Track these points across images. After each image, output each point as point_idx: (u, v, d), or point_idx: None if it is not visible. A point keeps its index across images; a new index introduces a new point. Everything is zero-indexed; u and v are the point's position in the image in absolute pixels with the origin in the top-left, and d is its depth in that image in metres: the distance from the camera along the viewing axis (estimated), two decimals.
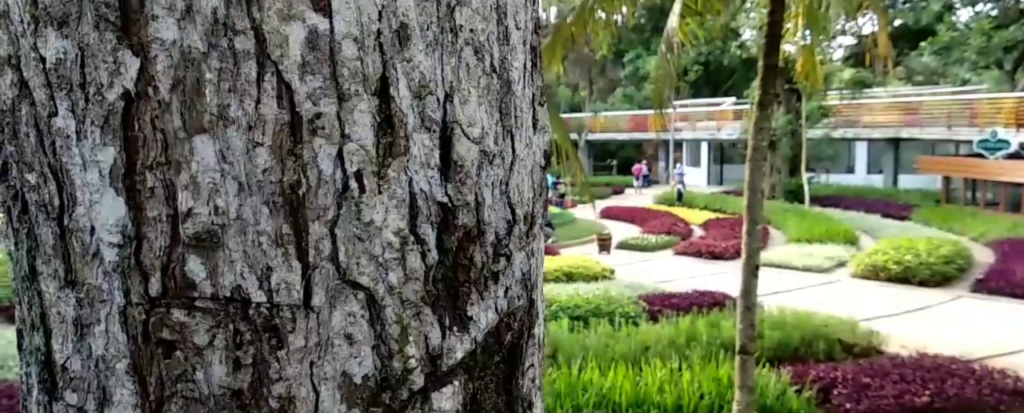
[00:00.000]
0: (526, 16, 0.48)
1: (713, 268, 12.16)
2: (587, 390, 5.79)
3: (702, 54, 30.16)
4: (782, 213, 17.08)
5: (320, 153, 0.39)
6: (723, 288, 8.99)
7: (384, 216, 0.41)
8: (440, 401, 0.43)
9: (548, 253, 12.54)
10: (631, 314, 8.00)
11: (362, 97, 0.40)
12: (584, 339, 7.07)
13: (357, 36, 0.39)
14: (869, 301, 9.43)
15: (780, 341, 6.97)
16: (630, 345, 6.84)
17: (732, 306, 7.39)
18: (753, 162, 5.13)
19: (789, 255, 12.55)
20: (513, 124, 0.47)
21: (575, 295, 8.66)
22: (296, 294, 0.39)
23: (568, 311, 8.04)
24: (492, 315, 0.45)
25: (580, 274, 10.88)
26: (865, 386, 5.69)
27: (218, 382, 0.39)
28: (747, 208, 5.11)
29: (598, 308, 8.15)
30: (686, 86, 31.25)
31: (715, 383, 5.78)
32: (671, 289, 9.46)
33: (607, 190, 26.34)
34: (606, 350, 6.86)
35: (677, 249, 14.06)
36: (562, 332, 7.20)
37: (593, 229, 16.46)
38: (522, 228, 0.48)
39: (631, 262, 12.93)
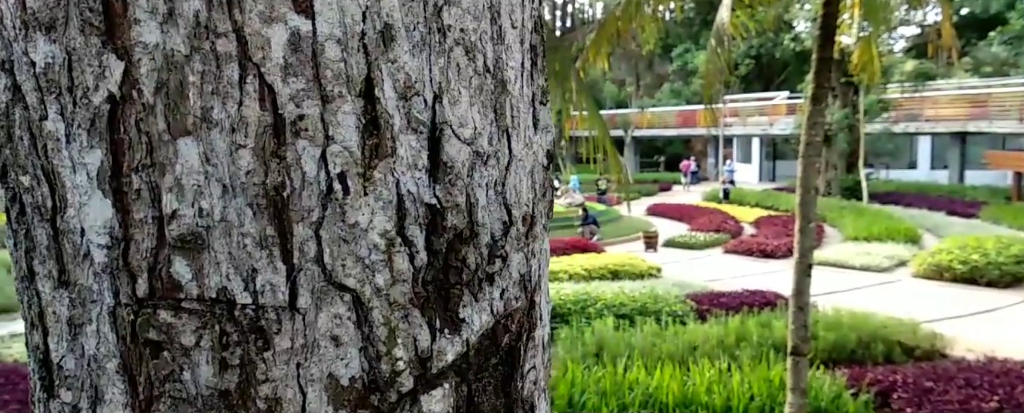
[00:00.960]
0: (523, 15, 0.48)
1: (764, 267, 11.82)
2: (633, 389, 5.71)
3: (753, 47, 29.35)
4: (838, 210, 16.46)
5: (304, 155, 0.39)
6: (775, 287, 8.72)
7: (370, 218, 0.40)
8: (429, 404, 0.42)
9: (593, 251, 12.45)
10: (678, 313, 7.85)
11: (346, 99, 0.40)
12: (630, 338, 6.97)
13: (340, 37, 0.39)
14: (932, 302, 8.99)
15: (835, 342, 6.72)
16: (677, 344, 6.72)
17: (784, 306, 7.16)
18: (806, 158, 4.95)
19: (846, 254, 12.09)
20: (509, 124, 0.46)
21: (620, 293, 8.55)
22: (281, 296, 0.40)
23: (613, 309, 7.94)
24: (487, 317, 0.45)
25: (626, 272, 10.75)
26: (927, 391, 5.42)
27: (205, 382, 0.40)
28: (799, 205, 4.93)
29: (644, 306, 8.03)
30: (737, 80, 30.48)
31: (766, 384, 5.61)
32: (720, 288, 9.24)
33: (654, 187, 25.95)
34: (652, 349, 6.75)
35: (727, 247, 13.73)
36: (607, 330, 7.12)
37: (639, 226, 16.24)
38: (520, 229, 0.48)
39: (678, 260, 12.70)
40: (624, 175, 7.08)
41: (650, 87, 34.69)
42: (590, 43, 8.16)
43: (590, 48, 8.13)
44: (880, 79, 10.58)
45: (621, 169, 6.37)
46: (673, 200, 22.12)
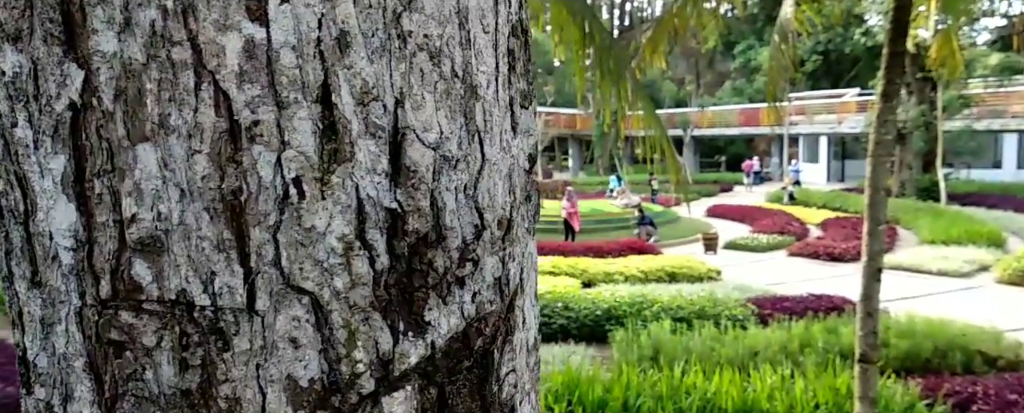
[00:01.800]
0: (495, 20, 0.47)
1: (831, 270, 11.33)
2: (690, 394, 5.59)
3: (821, 43, 28.19)
4: (914, 212, 15.60)
5: (259, 160, 0.40)
6: (842, 292, 8.35)
7: (328, 222, 0.41)
8: (391, 406, 0.43)
9: (649, 252, 12.26)
10: (738, 317, 7.63)
11: (302, 104, 0.40)
12: (687, 341, 6.83)
13: (295, 44, 0.40)
14: (1018, 310, 8.40)
15: (908, 351, 6.37)
16: (737, 349, 6.53)
17: (852, 311, 6.85)
18: (876, 157, 4.72)
19: (921, 258, 11.44)
20: (481, 128, 0.46)
21: (678, 296, 8.37)
22: (239, 298, 0.40)
23: (670, 312, 7.79)
24: (456, 320, 0.45)
25: (684, 274, 10.52)
26: (1011, 404, 5.08)
27: (167, 382, 0.41)
28: (868, 206, 4.71)
29: (702, 310, 7.84)
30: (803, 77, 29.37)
31: (832, 393, 5.38)
32: (783, 292, 8.92)
33: (714, 188, 25.27)
34: (711, 353, 6.59)
35: (791, 250, 13.24)
36: (664, 333, 7.00)
37: (698, 228, 15.87)
38: (495, 233, 0.47)
39: (739, 263, 12.32)
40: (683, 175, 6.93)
41: (711, 85, 33.86)
42: (647, 41, 8.05)
43: (647, 46, 8.01)
44: (961, 74, 9.96)
45: (679, 169, 6.25)
46: (734, 201, 21.49)
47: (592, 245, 12.79)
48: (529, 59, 0.53)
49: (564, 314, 7.95)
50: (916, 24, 6.88)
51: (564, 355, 7.07)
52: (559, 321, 7.89)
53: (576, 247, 12.65)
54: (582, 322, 7.89)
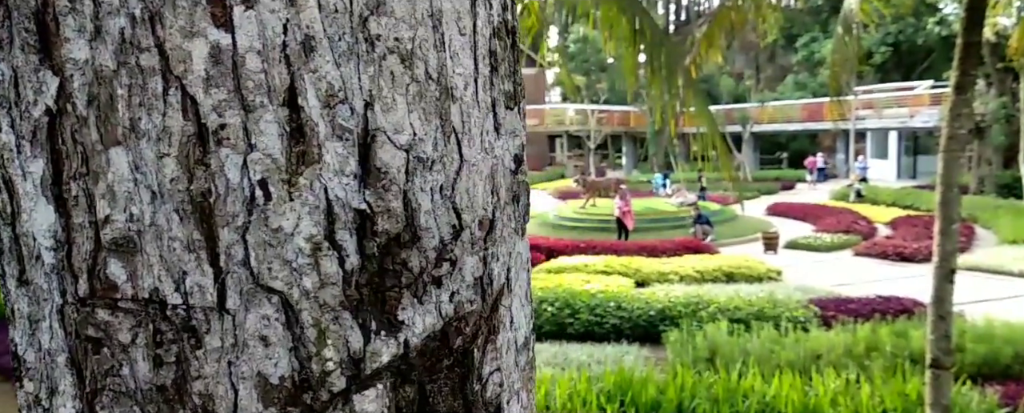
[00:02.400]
0: (473, 22, 0.48)
1: (901, 271, 10.78)
2: (748, 397, 5.43)
3: (891, 33, 26.87)
4: (993, 210, 14.67)
5: (227, 162, 0.41)
6: (913, 294, 7.94)
7: (296, 222, 0.42)
8: (362, 403, 0.43)
9: (706, 252, 11.97)
10: (800, 319, 7.35)
11: (267, 108, 0.41)
12: (745, 343, 6.63)
13: (260, 49, 0.41)
14: None
15: (986, 356, 6.00)
16: (798, 352, 6.30)
17: (923, 314, 6.50)
18: (948, 152, 4.46)
19: (1001, 258, 10.74)
20: (458, 130, 0.47)
21: (735, 296, 8.14)
22: (210, 297, 0.42)
23: (727, 313, 7.59)
24: (432, 319, 0.46)
25: (742, 274, 10.22)
26: None
27: (143, 378, 0.42)
28: (940, 204, 4.45)
29: (761, 311, 7.60)
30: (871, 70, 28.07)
31: (901, 399, 5.12)
32: (848, 293, 8.55)
33: (775, 185, 24.43)
34: (770, 356, 6.38)
35: (857, 250, 12.67)
36: (721, 335, 6.82)
37: (758, 227, 15.40)
38: (475, 233, 0.48)
39: (801, 263, 11.87)
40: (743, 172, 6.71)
41: (771, 80, 32.78)
42: (702, 36, 7.86)
43: (702, 41, 7.83)
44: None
45: (732, 167, 6.08)
46: (796, 199, 20.73)
47: (646, 244, 12.60)
48: (517, 60, 0.54)
49: (616, 314, 7.86)
50: (995, 11, 6.46)
51: (616, 355, 6.99)
52: (611, 321, 7.81)
53: (629, 246, 12.49)
54: (635, 322, 7.78)
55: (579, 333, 7.72)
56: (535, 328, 3.75)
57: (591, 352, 7.13)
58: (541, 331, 7.76)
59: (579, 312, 7.88)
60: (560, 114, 32.72)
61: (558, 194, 23.07)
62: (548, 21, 6.52)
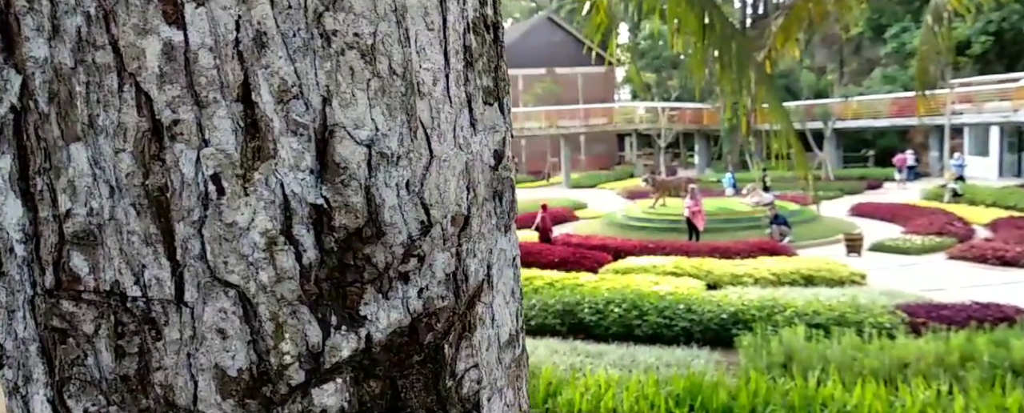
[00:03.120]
0: (442, 18, 0.47)
1: (1002, 276, 9.96)
2: (827, 406, 5.18)
3: (992, 22, 24.90)
4: None
5: (181, 158, 0.42)
6: (1015, 301, 7.34)
7: (251, 217, 0.42)
8: (321, 397, 0.44)
9: (783, 254, 11.49)
10: (885, 325, 6.94)
11: (221, 103, 0.42)
12: (824, 349, 6.32)
13: (212, 46, 0.41)
14: None
15: None
16: (883, 360, 5.95)
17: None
18: None
19: None
20: (427, 125, 0.47)
21: (814, 300, 7.77)
22: (168, 290, 0.43)
23: (805, 318, 7.25)
24: (398, 315, 0.46)
25: (821, 278, 9.73)
26: None
27: (106, 367, 0.43)
28: None
29: (843, 316, 7.22)
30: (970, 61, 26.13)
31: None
32: (941, 299, 7.98)
33: (860, 185, 23.09)
34: (852, 364, 6.05)
35: (952, 253, 11.80)
36: (797, 340, 6.54)
37: (840, 228, 14.64)
38: (447, 229, 0.48)
39: (888, 266, 11.17)
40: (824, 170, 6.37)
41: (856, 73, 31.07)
42: (778, 29, 7.56)
43: (778, 34, 7.53)
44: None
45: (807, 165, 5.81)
46: (884, 199, 19.55)
47: (718, 245, 12.22)
48: (499, 55, 0.53)
49: (686, 316, 7.67)
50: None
51: (686, 359, 6.82)
52: (681, 324, 7.63)
53: (701, 247, 12.15)
54: (706, 325, 7.57)
55: (647, 335, 7.59)
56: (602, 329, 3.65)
57: (660, 355, 6.99)
58: (608, 333, 7.68)
59: (647, 314, 7.75)
60: (629, 112, 32.24)
61: (626, 193, 22.75)
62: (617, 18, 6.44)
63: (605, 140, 34.99)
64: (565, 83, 33.63)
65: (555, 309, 8.05)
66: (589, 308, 7.95)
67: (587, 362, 6.81)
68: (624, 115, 32.09)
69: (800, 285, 9.43)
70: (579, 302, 8.09)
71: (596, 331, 7.77)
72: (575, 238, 13.60)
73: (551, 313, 8.03)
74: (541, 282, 9.55)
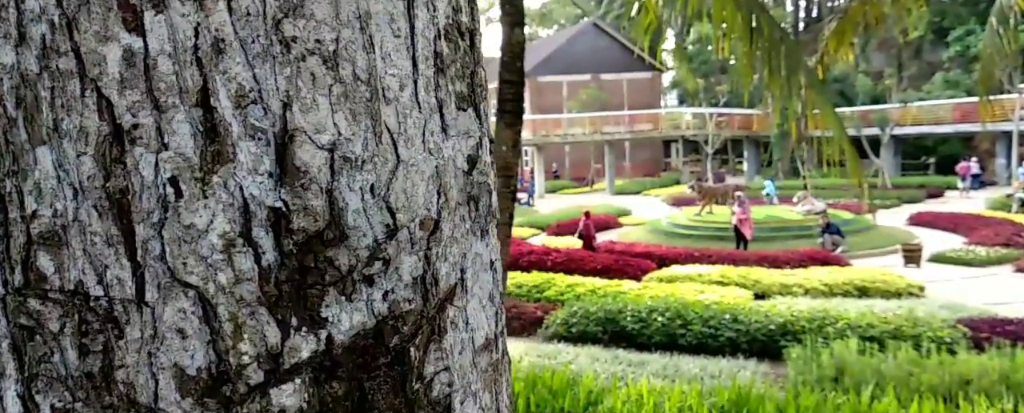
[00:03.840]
0: (409, 24, 0.48)
1: None
2: None
3: None
4: None
5: (141, 161, 0.43)
6: None
7: (209, 220, 0.43)
8: (280, 397, 0.44)
9: (835, 264, 11.09)
10: (945, 339, 6.61)
11: (180, 108, 0.43)
12: (879, 363, 6.07)
13: (171, 52, 0.42)
14: None
15: None
16: (943, 376, 5.66)
17: None
18: None
19: None
20: (394, 130, 0.47)
21: (868, 312, 7.46)
22: (129, 290, 0.44)
23: (858, 330, 6.98)
24: (362, 317, 0.46)
25: (876, 289, 9.34)
26: None
27: (72, 365, 0.45)
28: None
29: (899, 329, 6.91)
30: None
31: None
32: (1007, 313, 7.55)
33: (919, 193, 22.13)
34: (908, 379, 5.79)
35: (1019, 265, 11.13)
36: (850, 353, 6.29)
37: (897, 238, 14.05)
38: (415, 233, 0.48)
39: (948, 278, 10.64)
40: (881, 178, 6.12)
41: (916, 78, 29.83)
42: (830, 34, 7.33)
43: (830, 39, 7.30)
44: None
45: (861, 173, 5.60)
46: (945, 208, 18.68)
47: (767, 254, 11.88)
48: (476, 62, 0.54)
49: (732, 327, 7.48)
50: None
51: (732, 370, 6.65)
52: (727, 334, 7.44)
53: (748, 256, 11.85)
54: (753, 336, 7.37)
55: (691, 345, 7.44)
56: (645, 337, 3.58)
57: (704, 365, 6.84)
58: (651, 342, 7.56)
59: (691, 323, 7.59)
60: (676, 118, 31.77)
61: (672, 200, 22.40)
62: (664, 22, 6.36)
63: (650, 146, 34.57)
64: (610, 89, 33.40)
65: (597, 316, 7.97)
66: (632, 316, 7.84)
67: (629, 371, 6.72)
68: (670, 121, 31.64)
69: (853, 296, 9.08)
70: (622, 310, 7.99)
71: (639, 340, 7.66)
72: (619, 245, 13.46)
73: (593, 321, 7.96)
74: (583, 289, 9.48)
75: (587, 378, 6.12)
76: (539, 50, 36.89)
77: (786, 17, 32.10)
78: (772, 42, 5.17)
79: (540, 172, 28.85)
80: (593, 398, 5.91)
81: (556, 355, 7.29)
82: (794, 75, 5.19)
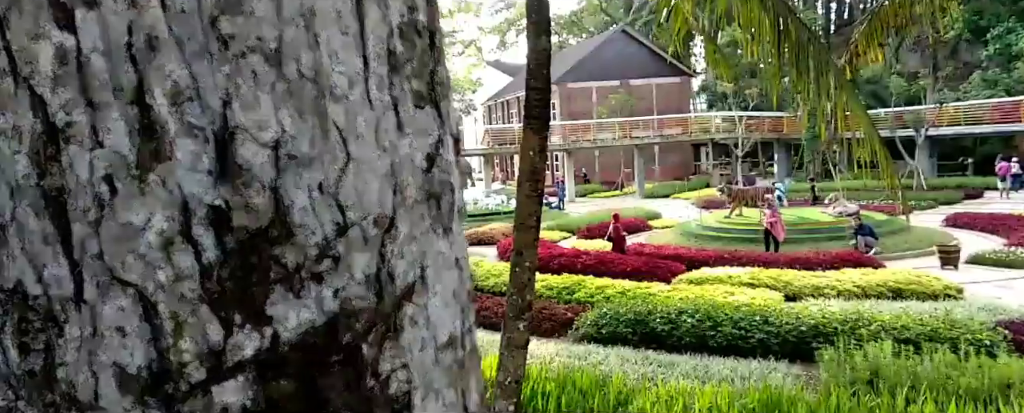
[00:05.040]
0: (359, 23, 0.47)
1: None
2: None
3: None
4: None
5: (76, 159, 0.42)
6: None
7: (147, 217, 0.42)
8: (222, 395, 0.43)
9: (868, 265, 10.76)
10: (984, 342, 6.34)
11: (114, 106, 0.42)
12: (914, 366, 5.87)
13: (104, 50, 0.41)
14: None
15: None
16: (982, 379, 5.44)
17: None
18: None
19: None
20: (343, 128, 0.46)
21: (903, 314, 7.22)
22: (67, 289, 0.43)
23: (893, 332, 6.76)
24: (309, 315, 0.45)
25: (912, 291, 9.03)
26: None
27: (14, 363, 0.44)
28: None
29: (935, 332, 6.67)
30: None
31: None
32: None
33: (957, 194, 21.34)
34: (946, 382, 5.58)
35: None
36: (884, 356, 6.10)
37: (934, 239, 13.56)
38: (367, 230, 0.47)
39: (988, 280, 10.20)
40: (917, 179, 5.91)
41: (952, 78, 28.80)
42: (859, 35, 7.15)
43: (859, 39, 7.12)
44: None
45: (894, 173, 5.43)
46: (984, 209, 17.98)
47: (798, 256, 11.60)
48: (437, 60, 0.52)
49: (763, 328, 7.32)
50: None
51: (762, 372, 6.51)
52: (757, 335, 7.29)
53: (779, 258, 11.58)
54: (784, 338, 7.20)
55: (721, 347, 7.30)
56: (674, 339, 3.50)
57: (734, 367, 6.71)
58: (680, 343, 7.45)
59: (722, 325, 7.46)
60: (706, 122, 31.32)
61: (702, 204, 22.05)
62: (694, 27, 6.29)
63: (680, 150, 34.14)
64: (639, 94, 33.12)
65: (627, 318, 7.89)
66: (661, 318, 7.75)
67: (659, 372, 6.63)
68: (700, 125, 31.21)
69: (888, 298, 8.80)
70: (651, 311, 7.90)
71: (668, 341, 7.56)
72: (648, 248, 13.31)
73: (623, 322, 7.88)
74: (613, 291, 9.41)
75: (616, 379, 6.06)
76: (569, 57, 36.81)
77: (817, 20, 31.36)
78: (800, 44, 5.07)
79: (570, 177, 28.76)
80: (623, 398, 5.85)
81: (586, 356, 7.24)
82: (823, 77, 5.08)
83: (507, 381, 4.34)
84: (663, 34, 5.90)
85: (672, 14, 5.88)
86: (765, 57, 5.58)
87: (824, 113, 5.32)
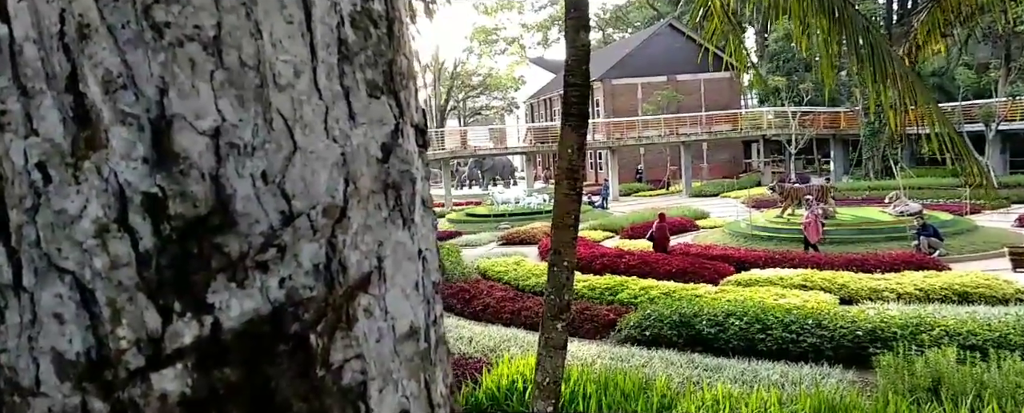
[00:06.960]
0: (304, 10, 0.47)
1: None
2: None
3: None
4: None
5: (11, 147, 0.43)
6: None
7: (82, 205, 0.43)
8: (161, 382, 0.44)
9: (932, 267, 10.29)
10: None
11: (47, 94, 0.43)
12: (981, 374, 5.59)
13: (36, 38, 0.42)
14: None
15: None
16: None
17: None
18: None
19: None
20: (289, 117, 0.47)
21: (969, 319, 6.89)
22: (6, 275, 0.44)
23: (958, 338, 6.46)
24: (253, 304, 0.45)
25: (979, 294, 8.60)
26: None
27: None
28: None
29: (1005, 338, 6.34)
30: None
31: None
32: None
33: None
34: (1016, 391, 5.30)
35: None
36: (947, 362, 5.83)
37: (1005, 240, 12.88)
38: (316, 220, 0.47)
39: None
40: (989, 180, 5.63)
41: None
42: (919, 24, 6.84)
43: (919, 29, 6.81)
44: None
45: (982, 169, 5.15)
46: None
47: (854, 258, 11.20)
48: (396, 49, 0.53)
49: (816, 332, 7.10)
50: None
51: (815, 377, 6.31)
52: (809, 340, 7.07)
53: (834, 260, 11.21)
54: (838, 343, 6.96)
55: (771, 351, 7.12)
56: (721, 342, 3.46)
57: (785, 372, 6.53)
58: (728, 346, 7.29)
59: (771, 328, 7.27)
60: (757, 117, 30.50)
61: (752, 202, 21.52)
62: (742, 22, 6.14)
63: (729, 147, 33.39)
64: (686, 89, 32.55)
65: (671, 320, 7.77)
66: (708, 320, 7.60)
67: (705, 376, 6.50)
68: (751, 121, 30.44)
69: (953, 302, 8.41)
70: (697, 314, 7.75)
71: (715, 344, 7.41)
72: (694, 248, 13.08)
73: (667, 324, 7.77)
74: (657, 292, 9.28)
75: (660, 382, 5.97)
76: (613, 53, 36.45)
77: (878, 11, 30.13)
78: (860, 32, 4.88)
79: (614, 175, 28.48)
80: (667, 402, 5.76)
81: (629, 358, 7.16)
82: (883, 68, 4.88)
83: (545, 381, 4.33)
84: (708, 29, 5.78)
85: (708, 13, 5.76)
86: (819, 49, 5.40)
87: (891, 104, 5.11)
